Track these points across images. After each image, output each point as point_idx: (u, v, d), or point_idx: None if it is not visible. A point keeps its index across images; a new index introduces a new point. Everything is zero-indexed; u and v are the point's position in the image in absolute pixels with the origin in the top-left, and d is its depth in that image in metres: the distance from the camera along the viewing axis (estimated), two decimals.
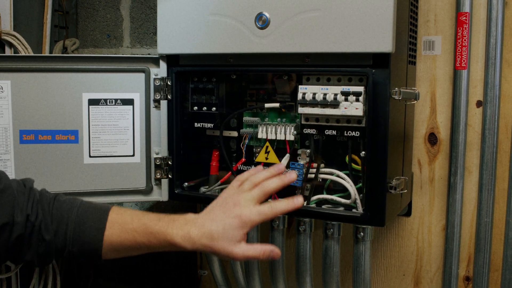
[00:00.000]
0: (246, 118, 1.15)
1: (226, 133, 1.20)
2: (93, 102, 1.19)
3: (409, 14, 1.09)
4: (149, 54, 1.22)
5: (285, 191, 1.06)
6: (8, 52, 1.36)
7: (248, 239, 1.17)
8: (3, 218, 0.89)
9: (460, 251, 1.20)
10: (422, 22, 1.19)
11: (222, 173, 1.22)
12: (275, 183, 0.98)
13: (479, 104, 1.15)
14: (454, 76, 1.15)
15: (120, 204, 1.70)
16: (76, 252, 0.93)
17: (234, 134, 1.20)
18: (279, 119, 1.13)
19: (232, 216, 0.93)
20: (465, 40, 1.13)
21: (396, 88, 0.99)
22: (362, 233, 1.08)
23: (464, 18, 1.12)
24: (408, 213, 1.25)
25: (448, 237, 1.19)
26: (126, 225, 0.95)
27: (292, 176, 1.00)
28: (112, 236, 0.94)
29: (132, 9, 1.58)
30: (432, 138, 1.21)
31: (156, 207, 1.66)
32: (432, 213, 1.23)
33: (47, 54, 1.47)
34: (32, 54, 1.37)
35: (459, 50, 1.14)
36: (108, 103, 1.20)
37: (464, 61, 1.13)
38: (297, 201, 0.97)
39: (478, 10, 1.13)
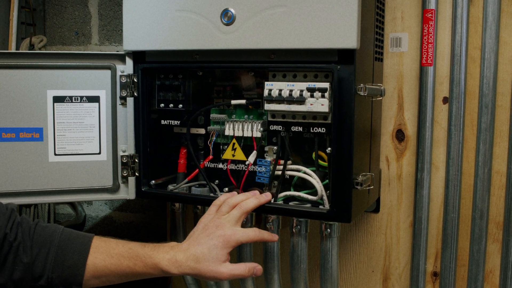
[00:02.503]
0: (213, 115, 1.15)
1: (194, 130, 1.20)
2: (58, 99, 1.17)
3: (375, 11, 1.09)
4: (117, 51, 1.20)
5: (253, 188, 1.08)
6: None
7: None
8: None
9: (428, 246, 1.21)
10: (389, 19, 1.19)
11: (190, 171, 1.21)
12: (253, 203, 1.02)
13: (445, 100, 1.16)
14: (421, 73, 1.16)
15: (89, 203, 1.68)
16: (56, 279, 0.92)
17: (202, 131, 1.19)
18: (246, 116, 1.13)
19: (216, 237, 0.95)
20: (431, 37, 1.13)
21: (362, 84, 0.99)
22: (329, 230, 1.08)
23: (430, 15, 1.13)
24: (376, 209, 1.25)
25: (415, 233, 1.20)
26: (111, 250, 0.95)
27: (268, 196, 1.05)
28: (96, 259, 0.93)
29: (100, 6, 1.56)
30: (400, 135, 1.22)
31: (126, 206, 1.64)
32: (400, 210, 1.23)
33: (12, 51, 1.45)
34: None
35: (425, 47, 1.14)
36: (74, 101, 1.18)
37: (430, 58, 1.14)
38: (266, 195, 1.04)
39: (444, 7, 1.14)
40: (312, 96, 1.01)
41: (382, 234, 1.26)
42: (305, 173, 1.08)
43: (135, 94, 1.17)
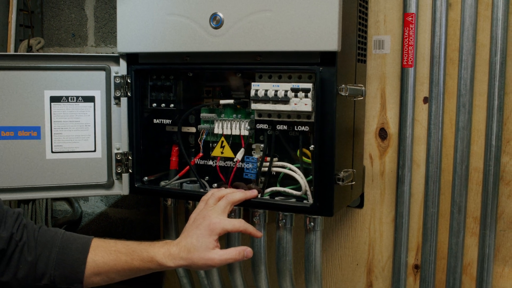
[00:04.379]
0: (203, 115, 1.20)
1: (185, 129, 1.25)
2: (54, 99, 1.22)
3: (358, 15, 1.14)
4: (113, 53, 1.25)
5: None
6: None
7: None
8: None
9: (409, 240, 1.26)
10: (372, 22, 1.24)
11: (182, 168, 1.26)
12: (239, 195, 1.08)
13: (425, 100, 1.21)
14: (402, 74, 1.21)
15: (85, 199, 1.73)
16: (58, 276, 0.97)
17: (193, 130, 1.24)
18: (234, 115, 1.18)
19: (203, 227, 1.01)
20: (411, 39, 1.19)
21: (343, 85, 1.04)
22: (312, 223, 1.13)
23: (410, 18, 1.18)
24: (360, 205, 1.31)
25: (397, 227, 1.25)
26: (110, 248, 1.01)
27: (254, 192, 1.10)
28: (96, 256, 0.99)
29: (96, 9, 1.61)
30: (383, 133, 1.27)
31: (121, 202, 1.69)
32: (383, 205, 1.29)
33: (11, 52, 1.50)
34: None
35: (405, 49, 1.19)
36: (70, 100, 1.23)
37: (410, 59, 1.19)
38: (251, 192, 1.10)
39: (424, 11, 1.19)
40: (296, 96, 1.06)
41: (366, 229, 1.32)
42: (290, 169, 1.13)
43: (129, 94, 1.22)
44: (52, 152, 1.23)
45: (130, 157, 1.24)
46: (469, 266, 1.22)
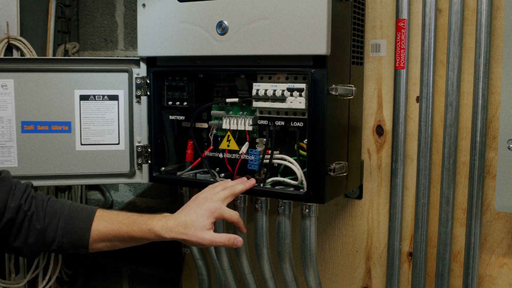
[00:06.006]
0: (214, 112, 1.33)
1: (199, 125, 1.38)
2: (84, 97, 1.38)
3: (352, 21, 1.25)
4: (135, 56, 1.40)
5: (245, 174, 1.26)
6: (16, 55, 1.57)
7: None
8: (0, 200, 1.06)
9: (403, 229, 1.36)
10: (369, 27, 1.35)
11: (196, 160, 1.40)
12: (240, 187, 1.21)
13: (418, 99, 1.31)
14: (395, 75, 1.31)
15: (115, 189, 1.90)
16: (66, 243, 1.10)
17: (205, 125, 1.37)
18: (241, 112, 1.31)
19: (203, 208, 1.13)
20: (403, 43, 1.29)
21: (333, 85, 1.15)
22: (307, 210, 1.25)
23: (402, 24, 1.28)
24: (359, 196, 1.41)
25: (391, 216, 1.35)
26: (112, 218, 1.13)
27: (252, 181, 1.23)
28: (99, 226, 1.11)
29: (125, 16, 1.78)
30: (379, 130, 1.37)
31: (147, 192, 1.85)
32: (380, 196, 1.39)
33: (50, 56, 1.67)
34: (35, 56, 1.57)
35: (398, 52, 1.29)
36: (97, 99, 1.38)
37: (402, 61, 1.29)
38: (251, 181, 1.22)
39: (416, 17, 1.29)
40: (291, 95, 1.18)
41: (364, 218, 1.42)
42: (288, 161, 1.25)
43: (148, 93, 1.37)
44: (81, 144, 1.39)
45: (149, 150, 1.39)
46: (459, 254, 1.31)
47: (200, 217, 1.12)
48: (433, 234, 1.33)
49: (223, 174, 1.34)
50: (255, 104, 1.23)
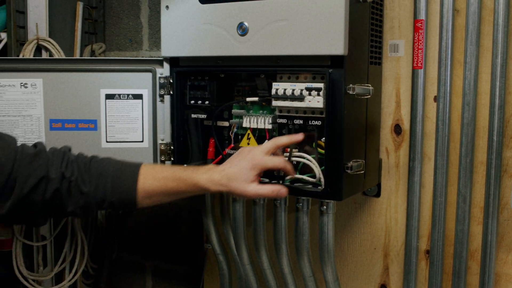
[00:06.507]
0: (235, 111, 1.37)
1: (220, 123, 1.42)
2: (109, 96, 1.43)
3: (370, 21, 1.28)
4: (159, 57, 1.45)
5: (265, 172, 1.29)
6: (44, 55, 1.62)
7: (235, 211, 1.40)
8: (39, 175, 1.10)
9: (421, 227, 1.38)
10: (388, 27, 1.37)
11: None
12: (285, 139, 1.20)
13: (435, 99, 1.32)
14: (413, 75, 1.33)
15: None
16: (115, 202, 1.15)
17: (226, 124, 1.41)
18: (261, 111, 1.34)
19: (246, 160, 1.15)
20: (421, 43, 1.31)
21: (351, 85, 1.18)
22: (325, 207, 1.27)
23: (419, 24, 1.30)
24: (377, 194, 1.43)
25: (408, 215, 1.37)
26: (157, 175, 1.16)
27: (299, 136, 1.21)
28: (145, 184, 1.15)
29: (150, 17, 1.83)
30: (397, 129, 1.39)
31: None
32: (398, 194, 1.41)
33: (77, 57, 1.73)
34: (63, 57, 1.63)
35: (415, 52, 1.31)
36: (122, 98, 1.43)
37: (420, 62, 1.31)
38: (297, 135, 1.20)
39: (434, 17, 1.30)
40: (310, 94, 1.21)
41: (382, 216, 1.44)
42: (307, 159, 1.28)
43: (171, 92, 1.41)
44: (107, 142, 1.44)
45: (172, 147, 1.43)
46: (476, 253, 1.32)
47: (243, 170, 1.13)
48: (450, 232, 1.34)
49: None
50: (275, 103, 1.26)
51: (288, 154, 1.28)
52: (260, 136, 1.34)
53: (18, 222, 1.55)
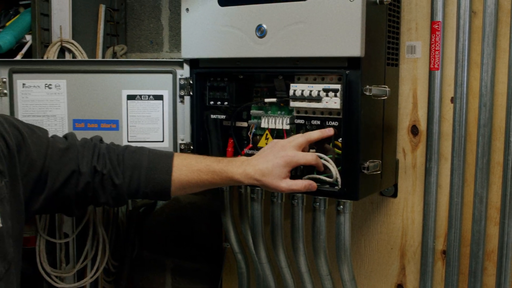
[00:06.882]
0: (253, 111, 1.39)
1: (239, 124, 1.44)
2: (131, 97, 1.46)
3: (387, 23, 1.29)
4: (179, 58, 1.48)
5: None
6: (68, 57, 1.66)
7: (253, 210, 1.42)
8: (69, 169, 1.15)
9: (437, 228, 1.38)
10: (405, 29, 1.38)
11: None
12: (316, 134, 1.23)
13: (452, 100, 1.33)
14: (429, 76, 1.34)
15: None
16: (149, 193, 1.20)
17: (245, 124, 1.43)
18: (279, 112, 1.36)
19: (280, 157, 1.18)
20: (437, 45, 1.32)
21: (368, 86, 1.19)
22: (342, 206, 1.29)
23: (436, 26, 1.31)
24: (394, 194, 1.44)
25: (425, 215, 1.38)
26: (191, 167, 1.21)
27: (330, 131, 1.24)
28: (180, 176, 1.20)
29: (170, 19, 1.86)
30: (414, 130, 1.40)
31: None
32: (415, 195, 1.42)
33: (99, 58, 1.77)
34: (86, 58, 1.67)
35: (432, 53, 1.32)
36: (143, 98, 1.46)
37: (437, 63, 1.32)
38: (328, 130, 1.23)
39: (451, 19, 1.31)
40: (327, 95, 1.23)
41: (399, 216, 1.45)
42: (324, 159, 1.29)
43: (191, 93, 1.44)
44: (128, 141, 1.47)
45: (191, 147, 1.46)
46: (492, 253, 1.33)
47: (276, 167, 1.16)
48: (467, 233, 1.35)
49: None
50: (292, 104, 1.28)
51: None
52: (278, 136, 1.36)
53: (53, 213, 1.62)
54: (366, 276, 1.53)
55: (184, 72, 1.44)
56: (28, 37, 1.68)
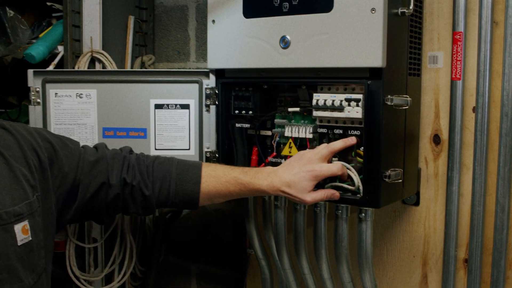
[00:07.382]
0: (277, 120, 1.42)
1: (263, 132, 1.47)
2: (158, 106, 1.51)
3: (409, 34, 1.31)
4: (205, 68, 1.52)
5: None
6: (98, 67, 1.71)
7: (277, 217, 1.45)
8: (99, 182, 1.19)
9: (460, 236, 1.39)
10: (427, 39, 1.40)
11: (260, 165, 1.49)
12: (339, 144, 1.27)
13: (474, 109, 1.35)
14: (451, 86, 1.36)
15: None
16: (178, 203, 1.25)
17: (269, 133, 1.46)
18: (302, 121, 1.39)
19: (306, 170, 1.22)
20: (459, 55, 1.33)
21: (389, 96, 1.22)
22: (363, 214, 1.31)
23: (458, 36, 1.33)
24: (417, 202, 1.46)
25: (447, 223, 1.39)
26: (219, 178, 1.25)
27: (353, 140, 1.27)
28: (208, 187, 1.24)
29: (197, 30, 1.90)
30: (436, 139, 1.41)
31: None
32: (437, 203, 1.43)
33: (128, 68, 1.82)
34: (116, 69, 1.72)
35: (454, 64, 1.34)
36: (170, 107, 1.51)
37: (458, 73, 1.33)
38: (351, 139, 1.27)
39: (473, 29, 1.33)
40: (349, 105, 1.25)
41: (421, 224, 1.46)
42: (346, 168, 1.31)
43: (217, 103, 1.48)
44: (155, 149, 1.51)
45: (217, 155, 1.50)
46: None
47: (303, 180, 1.21)
48: (489, 242, 1.35)
49: None
50: (315, 113, 1.31)
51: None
52: (301, 145, 1.39)
53: (84, 221, 1.68)
54: (388, 284, 1.54)
55: (210, 82, 1.49)
56: (60, 48, 1.74)
